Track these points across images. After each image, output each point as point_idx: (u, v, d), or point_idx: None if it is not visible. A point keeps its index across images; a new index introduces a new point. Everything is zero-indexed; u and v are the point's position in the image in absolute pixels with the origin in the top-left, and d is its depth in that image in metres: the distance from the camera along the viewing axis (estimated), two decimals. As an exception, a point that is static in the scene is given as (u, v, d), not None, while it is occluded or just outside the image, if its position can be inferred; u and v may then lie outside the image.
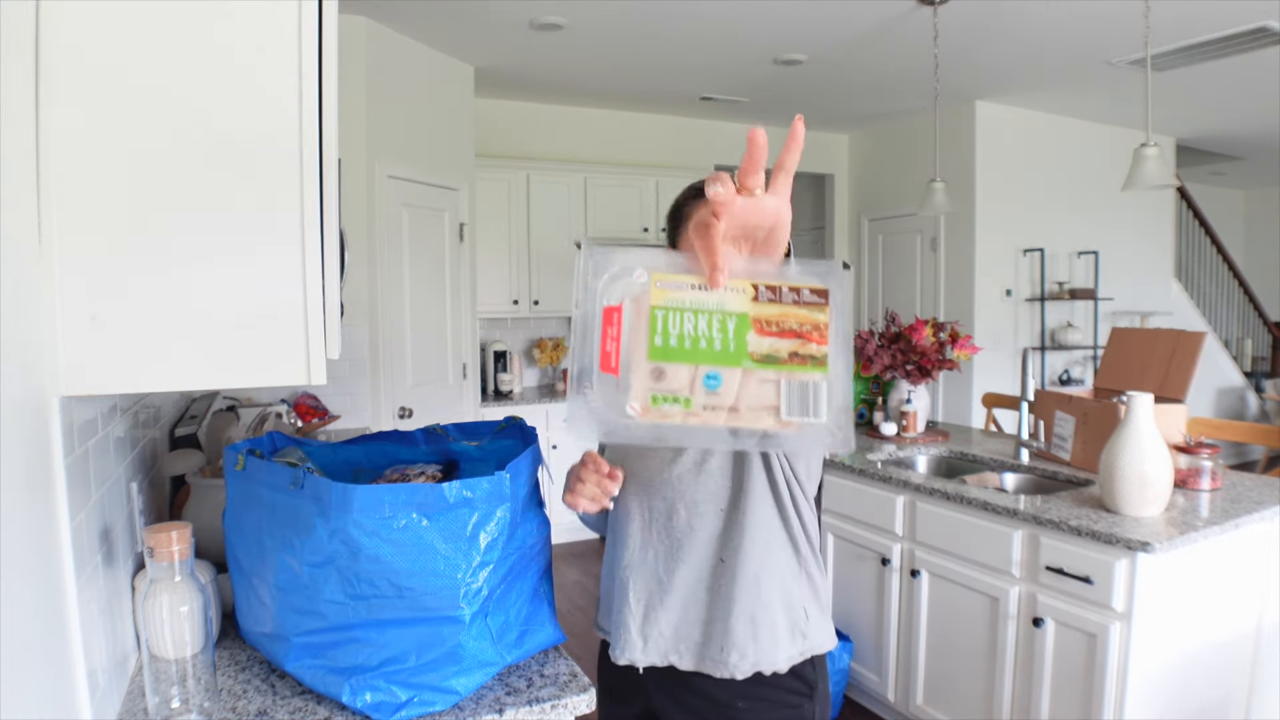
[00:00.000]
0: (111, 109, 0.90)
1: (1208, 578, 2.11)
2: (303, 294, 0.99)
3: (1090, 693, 2.06)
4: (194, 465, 1.70)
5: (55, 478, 0.90)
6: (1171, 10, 3.59)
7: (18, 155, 0.82)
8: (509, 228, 5.01)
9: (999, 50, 4.27)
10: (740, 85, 4.96)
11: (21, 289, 0.82)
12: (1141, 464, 2.07)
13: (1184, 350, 2.58)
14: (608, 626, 1.36)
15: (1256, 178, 8.20)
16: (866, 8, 3.67)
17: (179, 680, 1.04)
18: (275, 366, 0.99)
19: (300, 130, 0.97)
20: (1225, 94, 5.04)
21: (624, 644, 1.29)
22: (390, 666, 1.10)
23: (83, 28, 0.88)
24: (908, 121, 5.82)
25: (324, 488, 1.06)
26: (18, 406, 0.78)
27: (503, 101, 5.20)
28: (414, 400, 4.10)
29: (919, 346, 3.09)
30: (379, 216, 3.86)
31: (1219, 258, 7.45)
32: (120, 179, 0.91)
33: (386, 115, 3.91)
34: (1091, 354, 5.91)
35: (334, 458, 1.41)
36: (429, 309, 4.23)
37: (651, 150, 5.69)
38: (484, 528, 1.10)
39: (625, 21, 3.83)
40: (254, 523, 1.16)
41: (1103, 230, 5.91)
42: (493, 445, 1.44)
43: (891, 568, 2.65)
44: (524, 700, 1.16)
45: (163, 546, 1.03)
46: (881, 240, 6.15)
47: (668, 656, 1.28)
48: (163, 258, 0.93)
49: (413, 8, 3.64)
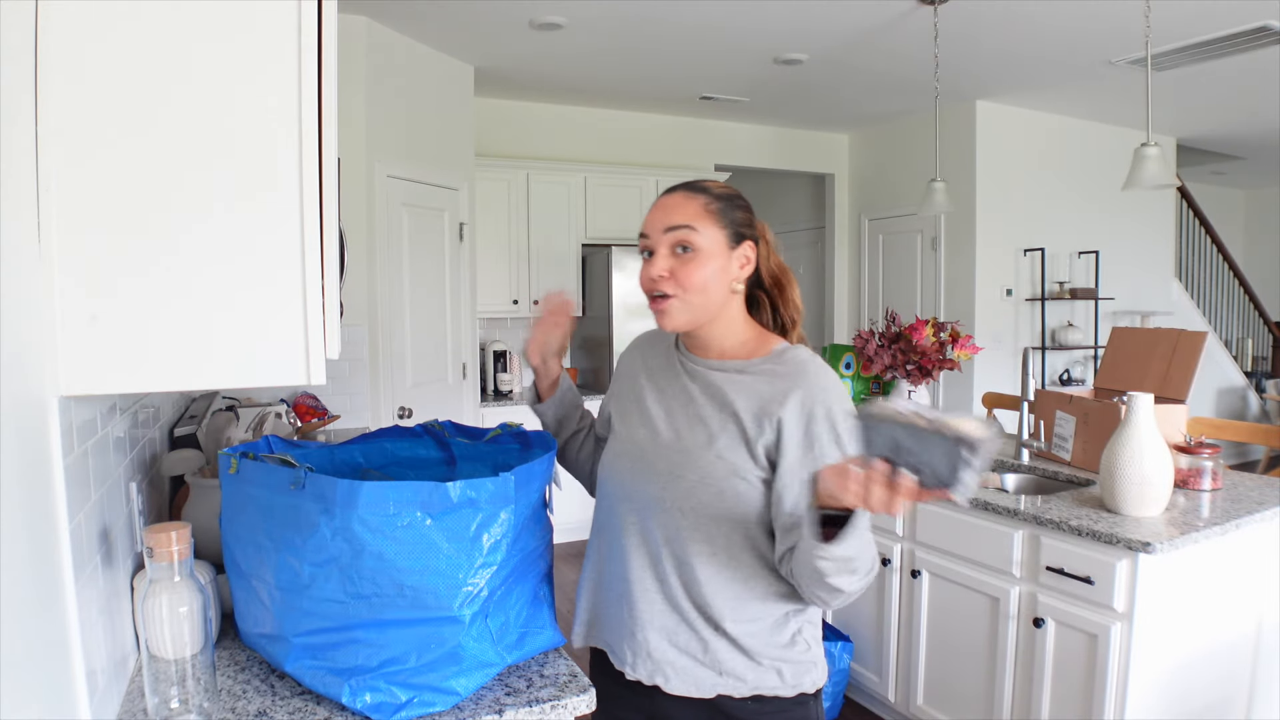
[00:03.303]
0: (111, 109, 0.90)
1: (1208, 578, 2.11)
2: (302, 294, 0.99)
3: (1091, 693, 2.06)
4: (193, 465, 1.70)
5: (54, 478, 0.90)
6: (1171, 10, 3.59)
7: (17, 155, 0.82)
8: (509, 227, 5.01)
9: (999, 50, 4.27)
10: (740, 85, 4.96)
11: (21, 289, 0.82)
12: (1142, 464, 2.07)
13: (1184, 350, 2.58)
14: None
15: (1257, 177, 8.20)
16: (866, 8, 3.67)
17: (178, 681, 1.04)
18: (275, 366, 0.99)
19: (300, 130, 0.97)
20: (1225, 94, 5.03)
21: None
22: (390, 667, 1.10)
23: (82, 28, 0.88)
24: (908, 121, 5.81)
25: (328, 485, 1.06)
26: (17, 406, 0.78)
27: (503, 101, 5.20)
28: (414, 400, 4.10)
29: (919, 346, 3.09)
30: (379, 216, 3.86)
31: (1220, 257, 7.45)
32: (119, 179, 0.91)
33: (386, 115, 3.91)
34: (1092, 354, 5.91)
35: (332, 459, 1.41)
36: (429, 309, 4.23)
37: (651, 150, 5.68)
38: (487, 529, 1.10)
39: (625, 21, 3.83)
40: (252, 525, 1.15)
41: (1103, 230, 5.91)
42: (489, 446, 1.44)
43: (892, 568, 2.64)
44: (524, 701, 1.16)
45: (162, 547, 1.02)
46: (881, 240, 6.15)
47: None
48: (162, 258, 0.93)
49: (413, 7, 3.64)
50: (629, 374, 1.41)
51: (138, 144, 0.91)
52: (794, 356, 1.24)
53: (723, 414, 1.22)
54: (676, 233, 1.21)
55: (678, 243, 1.21)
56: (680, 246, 1.21)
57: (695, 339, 1.30)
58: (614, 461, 1.33)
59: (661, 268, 1.21)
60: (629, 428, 1.33)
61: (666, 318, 1.22)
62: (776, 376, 1.21)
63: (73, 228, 0.89)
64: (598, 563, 1.36)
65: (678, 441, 1.24)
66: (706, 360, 1.28)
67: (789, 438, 1.17)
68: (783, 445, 1.18)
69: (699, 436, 1.23)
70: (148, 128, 0.91)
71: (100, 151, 0.90)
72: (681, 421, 1.26)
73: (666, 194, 1.27)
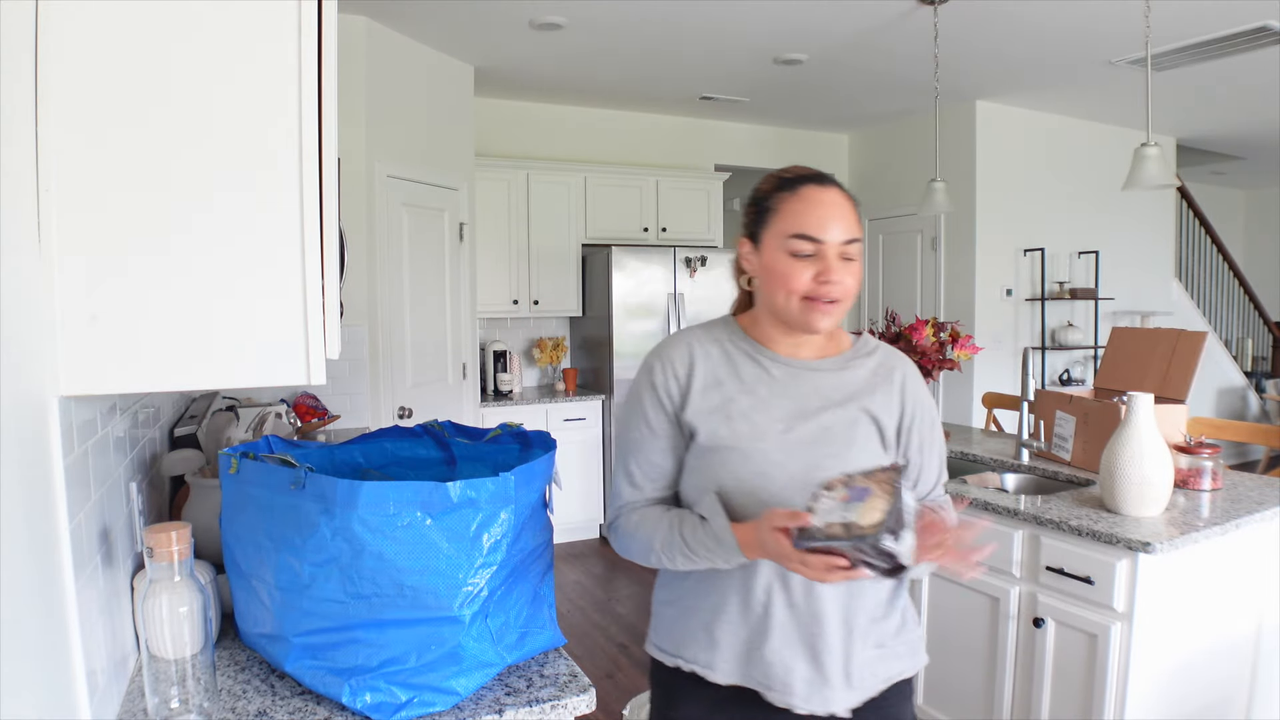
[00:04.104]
0: (110, 108, 0.90)
1: (1208, 578, 2.11)
2: (302, 294, 0.99)
3: (1091, 693, 2.06)
4: (193, 465, 1.70)
5: (54, 478, 0.90)
6: (1171, 10, 3.59)
7: (17, 155, 0.82)
8: (509, 227, 5.01)
9: (999, 50, 4.27)
10: (740, 85, 4.96)
11: (21, 289, 0.82)
12: (1142, 464, 2.07)
13: (1184, 350, 2.58)
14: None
15: (1257, 177, 8.20)
16: (866, 8, 3.67)
17: (178, 680, 1.04)
18: (275, 366, 0.99)
19: (300, 130, 0.97)
20: (1225, 94, 5.04)
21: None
22: (390, 667, 1.10)
23: (81, 28, 0.88)
24: (908, 121, 5.82)
25: (328, 485, 1.06)
26: (17, 406, 0.78)
27: (503, 101, 5.20)
28: (414, 400, 4.10)
29: (919, 346, 3.09)
30: (379, 216, 3.86)
31: (1220, 257, 7.45)
32: (119, 179, 0.91)
33: (386, 115, 3.91)
34: (1092, 354, 5.91)
35: (332, 459, 1.41)
36: (429, 309, 4.23)
37: (651, 150, 5.69)
38: (487, 529, 1.10)
39: (625, 21, 3.83)
40: (252, 525, 1.15)
41: (1103, 230, 5.91)
42: (489, 446, 1.44)
43: (892, 568, 2.64)
44: (524, 701, 1.16)
45: (162, 547, 1.02)
46: (881, 240, 6.15)
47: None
48: (162, 258, 0.93)
49: (413, 7, 3.64)
50: (711, 385, 1.26)
51: (137, 144, 0.91)
52: (875, 343, 1.34)
53: (856, 409, 1.25)
54: (853, 245, 1.21)
55: (849, 253, 1.21)
56: (847, 256, 1.21)
57: (789, 340, 1.28)
58: (760, 481, 1.20)
59: (842, 277, 1.20)
60: (762, 442, 1.21)
61: (829, 320, 1.21)
62: (882, 366, 1.30)
63: (73, 228, 0.89)
64: (745, 589, 1.23)
65: (828, 444, 1.23)
66: (810, 361, 1.28)
67: (916, 414, 1.29)
68: (912, 423, 1.29)
69: (843, 435, 1.23)
70: (147, 127, 0.91)
71: (99, 151, 0.90)
72: (824, 423, 1.24)
73: (826, 190, 1.22)
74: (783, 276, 1.20)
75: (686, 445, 1.27)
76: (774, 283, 1.22)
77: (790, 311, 1.21)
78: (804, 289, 1.19)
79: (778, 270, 1.21)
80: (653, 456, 1.28)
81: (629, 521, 1.28)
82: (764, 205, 1.25)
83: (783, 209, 1.21)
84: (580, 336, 5.44)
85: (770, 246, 1.22)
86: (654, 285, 5.01)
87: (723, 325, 1.33)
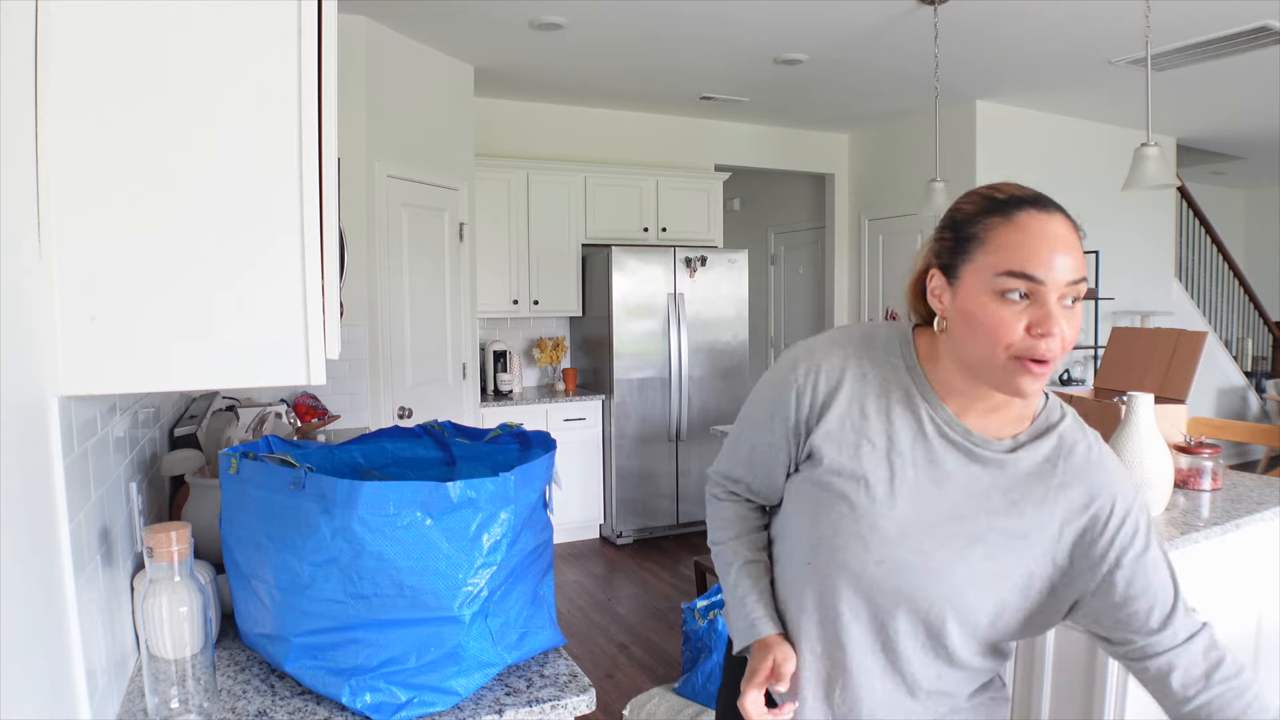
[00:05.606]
0: (110, 108, 0.90)
1: (1208, 578, 2.11)
2: (302, 294, 0.99)
3: (1091, 693, 2.06)
4: (193, 465, 1.70)
5: (54, 478, 0.90)
6: (1171, 10, 3.59)
7: (17, 155, 0.82)
8: (509, 227, 5.01)
9: (999, 50, 4.27)
10: (740, 85, 4.96)
11: (21, 289, 0.82)
12: (1142, 464, 2.07)
13: (1184, 350, 2.58)
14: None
15: (1257, 177, 8.20)
16: (866, 8, 3.67)
17: (178, 680, 1.04)
18: (275, 366, 0.99)
19: (300, 130, 0.97)
20: (1225, 94, 5.04)
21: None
22: (390, 667, 1.10)
23: (81, 28, 0.88)
24: (908, 121, 5.82)
25: (328, 485, 1.06)
26: (17, 406, 0.78)
27: (503, 101, 5.20)
28: (414, 400, 4.10)
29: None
30: (378, 216, 3.86)
31: (1220, 257, 7.45)
32: (119, 179, 0.91)
33: (386, 115, 3.91)
34: (1092, 354, 5.91)
35: (332, 459, 1.41)
36: (429, 309, 4.23)
37: (651, 150, 5.69)
38: (487, 529, 1.10)
39: (625, 21, 3.83)
40: (251, 525, 1.15)
41: (1103, 230, 5.91)
42: (489, 447, 1.44)
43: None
44: (524, 701, 1.16)
45: (162, 547, 1.02)
46: (881, 240, 6.15)
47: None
48: (162, 258, 0.93)
49: (413, 7, 3.64)
50: (854, 421, 1.06)
51: (137, 143, 0.91)
52: (1077, 435, 1.05)
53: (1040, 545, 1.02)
54: (1078, 286, 0.94)
55: (1073, 296, 0.94)
56: (1070, 300, 0.94)
57: (979, 401, 1.03)
58: (854, 571, 1.04)
59: (1063, 329, 0.92)
60: (896, 517, 1.02)
61: (1039, 385, 0.95)
62: (1075, 471, 1.02)
63: (72, 227, 0.89)
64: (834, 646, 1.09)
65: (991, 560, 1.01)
66: (989, 442, 1.03)
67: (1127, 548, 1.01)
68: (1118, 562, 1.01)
69: (1013, 562, 1.01)
70: (147, 127, 0.91)
71: (99, 151, 0.90)
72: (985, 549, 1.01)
73: (1051, 218, 0.95)
74: (989, 328, 0.94)
75: (795, 463, 1.11)
76: (974, 332, 0.95)
77: (992, 370, 0.96)
78: (1014, 344, 0.93)
79: (981, 318, 0.94)
80: (759, 453, 1.15)
81: (716, 499, 1.24)
82: (967, 232, 0.98)
83: (992, 239, 0.95)
84: (580, 336, 5.44)
85: (971, 285, 0.96)
86: (654, 285, 5.01)
87: (896, 343, 1.09)
